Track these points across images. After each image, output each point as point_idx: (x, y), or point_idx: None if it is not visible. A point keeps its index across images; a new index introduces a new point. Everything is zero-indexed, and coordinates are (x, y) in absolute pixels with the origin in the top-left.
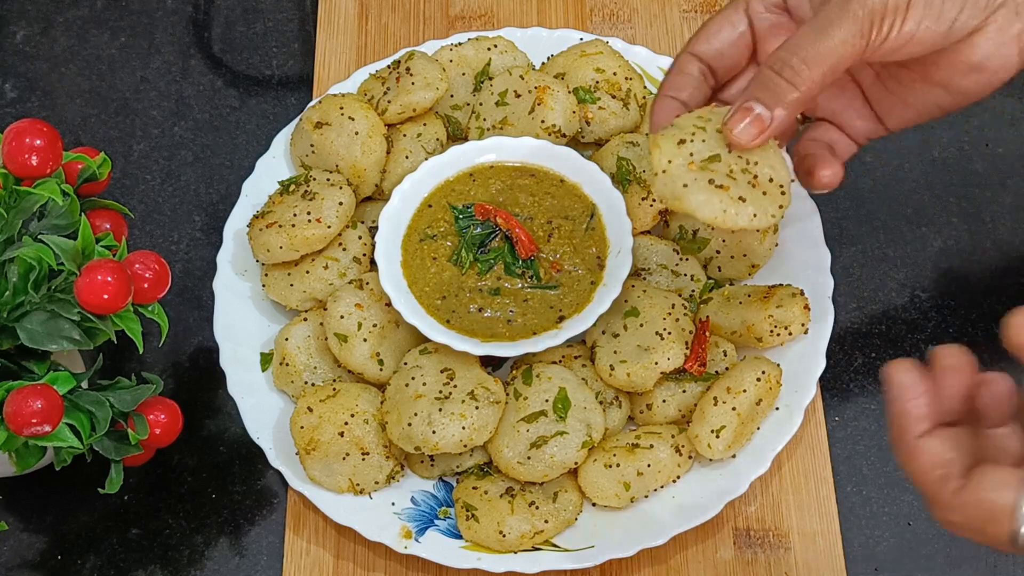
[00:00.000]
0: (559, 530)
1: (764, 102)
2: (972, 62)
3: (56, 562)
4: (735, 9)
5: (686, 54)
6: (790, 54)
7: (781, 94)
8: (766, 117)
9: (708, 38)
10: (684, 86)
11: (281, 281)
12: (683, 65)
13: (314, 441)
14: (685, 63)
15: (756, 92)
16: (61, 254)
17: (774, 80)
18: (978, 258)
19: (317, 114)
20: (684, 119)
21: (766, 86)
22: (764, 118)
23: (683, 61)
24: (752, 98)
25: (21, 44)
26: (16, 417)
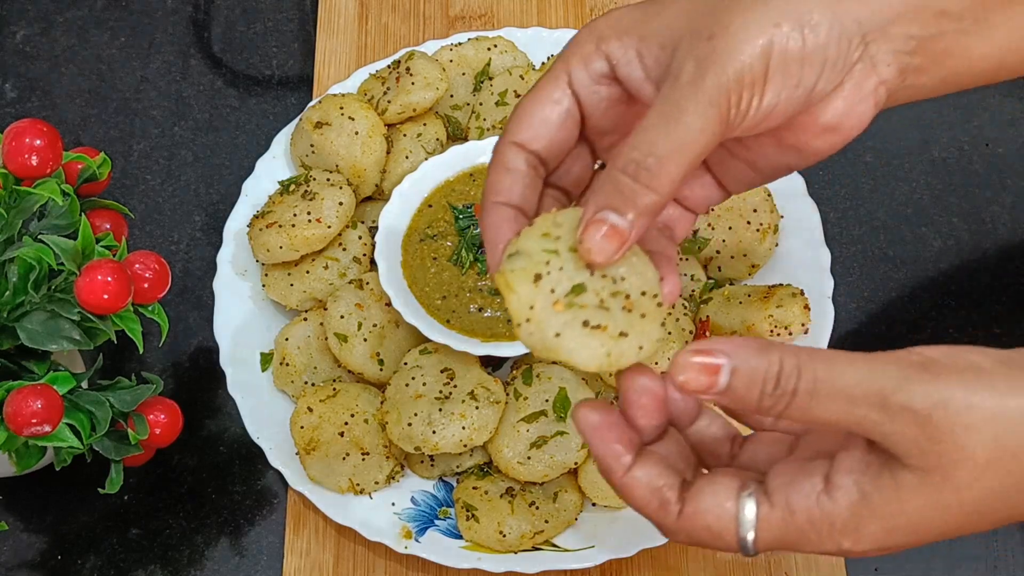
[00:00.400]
0: (559, 530)
1: (619, 210)
2: (827, 123)
3: (56, 562)
4: (554, 84)
5: (507, 145)
6: (643, 153)
7: (639, 200)
8: (624, 227)
9: (529, 122)
10: (513, 187)
11: (281, 281)
12: (506, 159)
13: (314, 441)
14: (508, 157)
15: (609, 200)
16: (61, 254)
17: (629, 186)
18: (978, 258)
19: (317, 114)
20: (530, 240)
21: (620, 192)
22: (622, 228)
23: (505, 155)
24: (605, 207)
25: (21, 44)
26: (16, 417)
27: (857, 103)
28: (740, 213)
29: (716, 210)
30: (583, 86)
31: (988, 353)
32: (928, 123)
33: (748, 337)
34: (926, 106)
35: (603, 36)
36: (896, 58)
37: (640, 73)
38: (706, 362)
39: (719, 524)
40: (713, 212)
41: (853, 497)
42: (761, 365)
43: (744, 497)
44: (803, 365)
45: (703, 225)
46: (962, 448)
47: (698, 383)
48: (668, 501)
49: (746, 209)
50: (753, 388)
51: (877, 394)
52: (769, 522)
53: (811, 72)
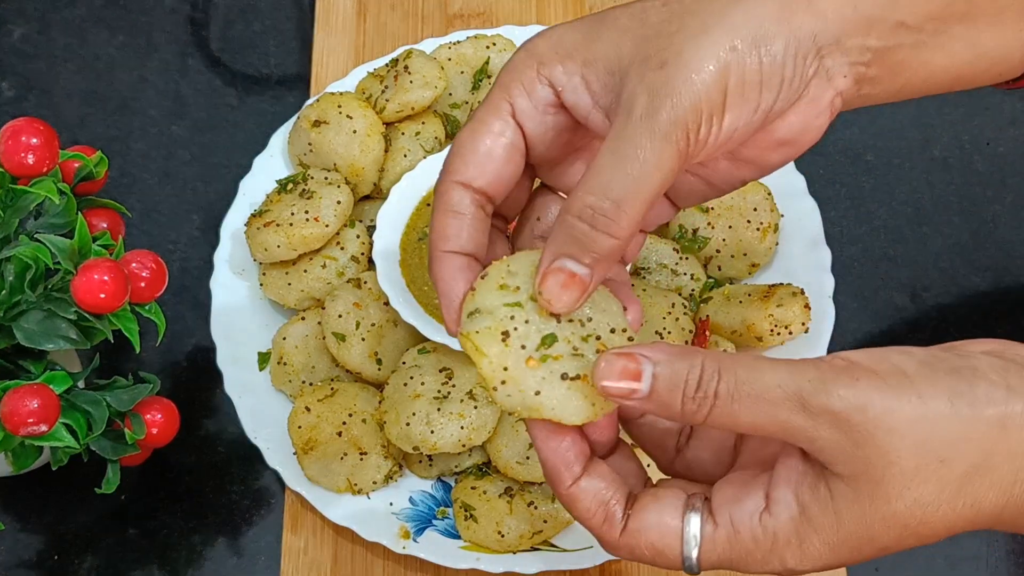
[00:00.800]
0: (558, 530)
1: (578, 258)
2: (783, 139)
3: (53, 562)
4: (496, 115)
5: (451, 185)
6: (599, 198)
7: (597, 246)
8: (584, 275)
9: (473, 159)
10: (462, 232)
11: (279, 280)
12: (451, 202)
13: (312, 441)
14: (454, 199)
15: (566, 248)
16: (58, 253)
17: (586, 232)
18: (979, 257)
19: (315, 112)
20: (489, 296)
21: (577, 240)
22: (582, 276)
23: (450, 196)
24: (562, 255)
25: (18, 43)
26: (12, 417)
27: (814, 117)
28: (740, 212)
29: (716, 209)
30: (527, 116)
31: (912, 354)
32: (929, 122)
33: (669, 343)
34: (927, 105)
35: (543, 60)
36: (852, 69)
37: (588, 100)
38: (628, 366)
39: (663, 542)
40: (713, 211)
41: (793, 511)
42: (682, 368)
43: (689, 514)
44: (724, 368)
45: (703, 224)
46: (886, 453)
47: (620, 388)
48: (614, 515)
49: (746, 208)
50: (675, 392)
51: (796, 396)
52: (714, 541)
53: (769, 94)
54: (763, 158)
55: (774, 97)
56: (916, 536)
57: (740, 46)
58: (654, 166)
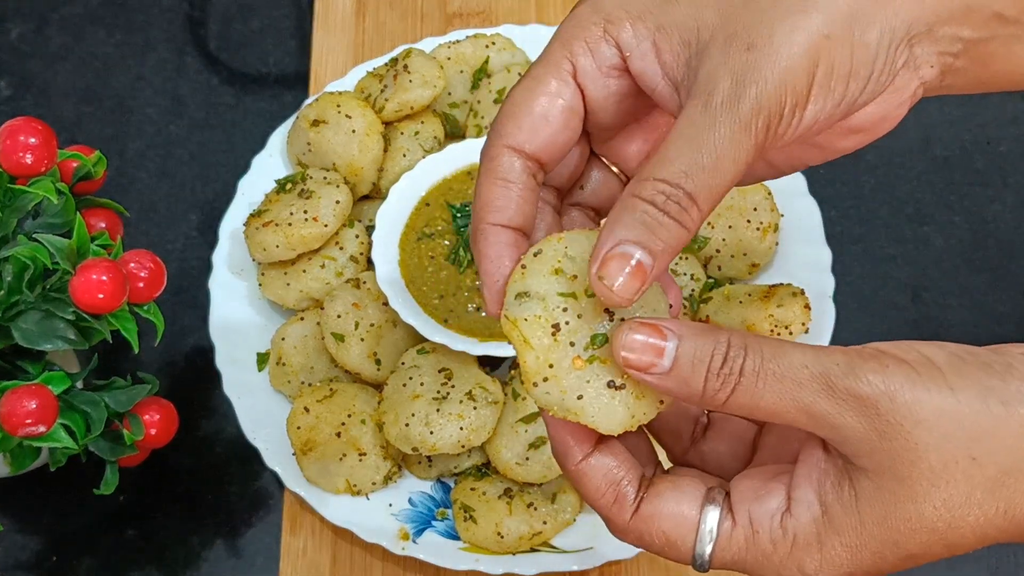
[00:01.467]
0: (558, 531)
1: (646, 245)
2: (858, 126)
3: (52, 563)
4: (554, 73)
5: (500, 149)
6: (674, 186)
7: (668, 236)
8: (648, 265)
9: (527, 121)
10: (511, 203)
11: (277, 280)
12: (500, 168)
13: (311, 442)
14: (503, 165)
15: (632, 233)
16: (56, 253)
17: (658, 220)
18: (980, 257)
19: (314, 112)
20: (542, 280)
21: (647, 226)
22: (647, 266)
23: (500, 163)
24: (627, 241)
25: (16, 41)
26: (10, 417)
27: (895, 107)
28: (740, 212)
29: (716, 209)
30: (589, 78)
31: (944, 347)
32: (930, 121)
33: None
34: (928, 104)
35: (611, 18)
36: (940, 59)
37: (657, 69)
38: (652, 340)
39: (676, 532)
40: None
41: (815, 512)
42: (708, 344)
43: (708, 507)
44: (750, 345)
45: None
46: (913, 447)
47: (641, 361)
48: (625, 496)
49: (746, 208)
50: (699, 368)
51: (822, 377)
52: (730, 539)
53: (856, 85)
54: (833, 144)
55: (860, 89)
56: (945, 543)
57: (834, 33)
58: (732, 159)
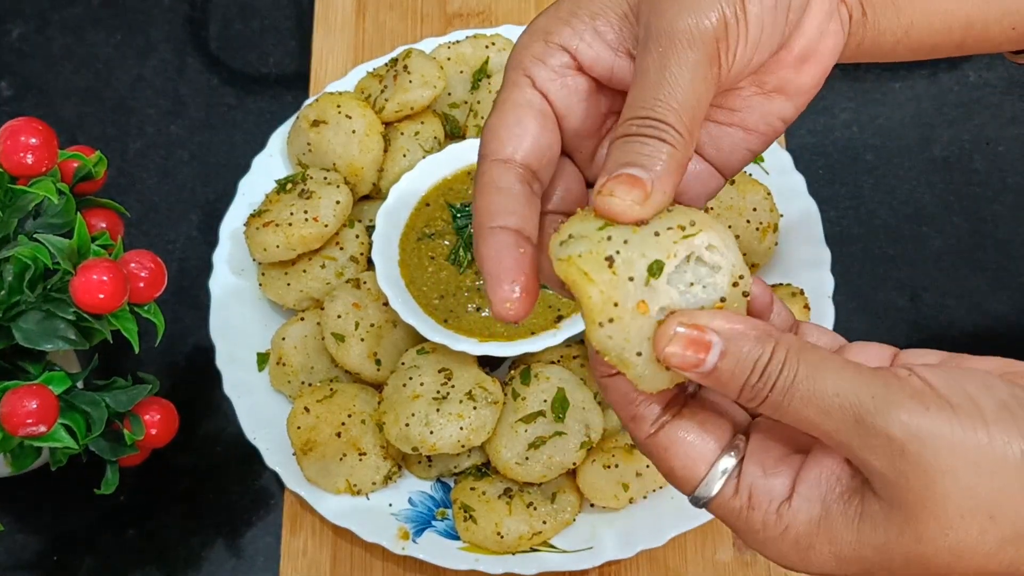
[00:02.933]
0: (557, 531)
1: (636, 163)
2: (802, 52)
3: (52, 563)
4: (520, 90)
5: (489, 164)
6: (642, 117)
7: (655, 155)
8: (646, 179)
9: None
10: (508, 206)
11: (278, 280)
12: (493, 179)
13: (311, 441)
14: (495, 176)
15: (624, 159)
16: (57, 253)
17: (638, 141)
18: (979, 257)
19: (314, 112)
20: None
21: (632, 150)
22: (645, 180)
23: (491, 174)
24: (621, 165)
25: (16, 42)
26: (11, 417)
27: (825, 22)
28: (740, 212)
29: (716, 209)
30: (548, 81)
31: (996, 390)
32: (929, 121)
33: (745, 318)
34: (927, 104)
35: (548, 29)
36: None
37: (605, 51)
38: (697, 336)
39: (683, 473)
40: (712, 211)
41: (814, 515)
42: (754, 352)
43: (718, 463)
44: (788, 360)
45: None
46: (934, 494)
47: (683, 359)
48: (643, 417)
49: (746, 208)
50: (739, 375)
51: (853, 410)
52: (727, 501)
53: None
54: (790, 81)
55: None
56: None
57: None
58: (689, 79)
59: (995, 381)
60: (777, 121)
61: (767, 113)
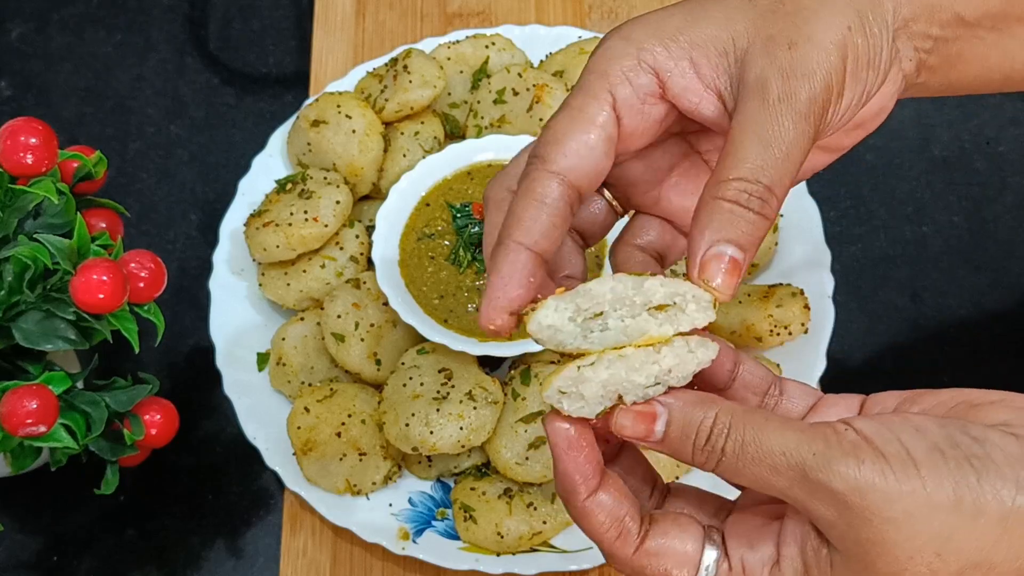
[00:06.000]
0: (557, 531)
1: (735, 242)
2: (860, 120)
3: (52, 563)
4: (596, 104)
5: (544, 174)
6: (754, 182)
7: (753, 230)
8: (741, 259)
9: (572, 149)
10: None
11: (278, 280)
12: (538, 189)
13: (311, 441)
14: (545, 189)
15: (725, 233)
16: (56, 253)
17: (742, 215)
18: (979, 257)
19: (314, 112)
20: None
21: (733, 224)
22: (740, 261)
23: (540, 185)
24: (719, 240)
25: (16, 42)
26: (11, 417)
27: (889, 99)
28: None
29: None
30: (629, 106)
31: (927, 434)
32: (929, 122)
33: (693, 391)
34: (927, 105)
35: (644, 45)
36: (916, 55)
37: (697, 84)
38: (644, 410)
39: (678, 571)
40: None
41: (798, 568)
42: (695, 418)
43: (707, 548)
44: (734, 425)
45: None
46: (881, 541)
47: (635, 430)
48: (629, 532)
49: None
50: (686, 441)
51: (798, 467)
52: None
53: (873, 74)
54: (838, 142)
55: (876, 77)
56: None
57: (854, 25)
58: (799, 148)
59: (929, 424)
60: (810, 172)
61: (809, 164)
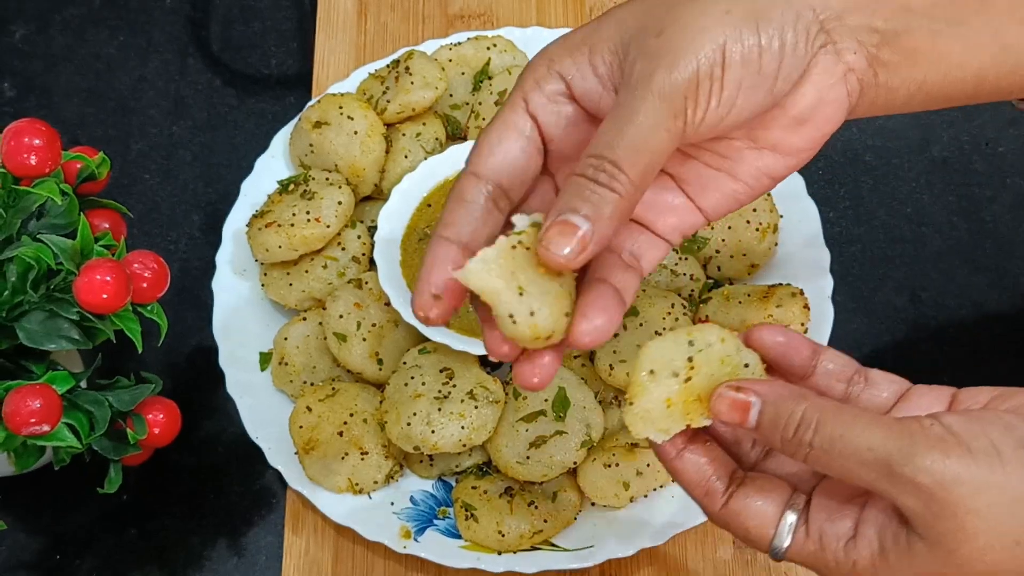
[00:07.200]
0: (558, 530)
1: (581, 212)
2: (799, 115)
3: (54, 562)
4: (513, 110)
5: (467, 176)
6: (600, 156)
7: (601, 203)
8: (586, 229)
9: (490, 152)
10: (465, 221)
11: (280, 281)
12: (464, 191)
13: (313, 440)
14: (467, 188)
15: (570, 203)
16: (60, 253)
17: (589, 187)
18: (978, 257)
19: (316, 113)
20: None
21: (581, 195)
22: (585, 231)
23: (462, 185)
24: (568, 209)
25: (19, 43)
26: (15, 416)
27: (827, 90)
28: (739, 213)
29: None
30: (540, 106)
31: (1014, 431)
32: (928, 122)
33: (785, 384)
34: None
35: (554, 57)
36: (861, 47)
37: (596, 85)
38: (739, 399)
39: (758, 530)
40: None
41: (874, 550)
42: (784, 412)
43: (788, 512)
44: (822, 421)
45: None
46: (963, 529)
47: (730, 416)
48: (715, 490)
49: (746, 209)
50: (776, 432)
51: (884, 462)
52: (803, 547)
53: (770, 58)
54: (784, 140)
55: (776, 62)
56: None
57: (736, 11)
58: (651, 127)
59: (1018, 423)
60: (765, 177)
61: (756, 167)
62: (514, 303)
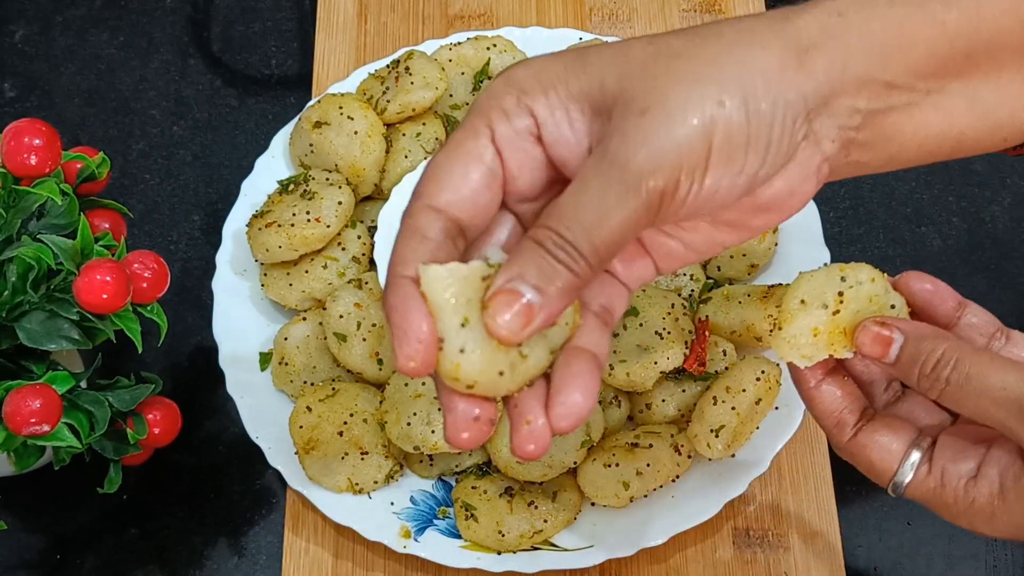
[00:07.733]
0: (558, 529)
1: (534, 285)
2: (766, 204)
3: (55, 562)
4: (475, 137)
5: (422, 208)
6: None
7: (556, 279)
8: (536, 304)
9: (448, 182)
10: (420, 257)
11: (280, 281)
12: (420, 225)
13: (313, 440)
14: (422, 222)
15: (524, 270)
16: (60, 253)
17: (548, 262)
18: (978, 257)
19: (316, 113)
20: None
21: (538, 266)
22: (534, 305)
23: (419, 220)
24: (518, 277)
25: (20, 43)
26: (15, 416)
27: (799, 183)
28: None
29: None
30: (507, 140)
31: None
32: None
33: (928, 325)
34: None
35: (525, 88)
36: (840, 133)
37: (569, 138)
38: (883, 333)
39: (882, 464)
40: None
41: (994, 489)
42: (925, 348)
43: (912, 450)
44: (960, 359)
45: None
46: None
47: (872, 350)
48: (846, 423)
49: None
50: (914, 367)
51: (1017, 402)
52: (923, 483)
53: (755, 157)
54: (744, 222)
55: (760, 160)
56: None
57: (728, 103)
58: (618, 219)
59: None
60: (719, 247)
61: (711, 240)
62: (451, 330)
